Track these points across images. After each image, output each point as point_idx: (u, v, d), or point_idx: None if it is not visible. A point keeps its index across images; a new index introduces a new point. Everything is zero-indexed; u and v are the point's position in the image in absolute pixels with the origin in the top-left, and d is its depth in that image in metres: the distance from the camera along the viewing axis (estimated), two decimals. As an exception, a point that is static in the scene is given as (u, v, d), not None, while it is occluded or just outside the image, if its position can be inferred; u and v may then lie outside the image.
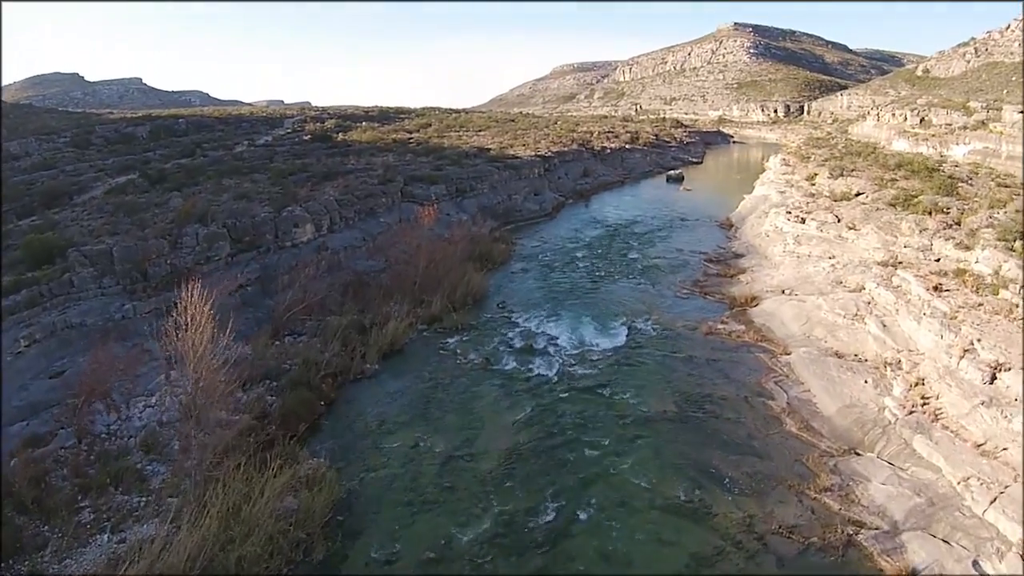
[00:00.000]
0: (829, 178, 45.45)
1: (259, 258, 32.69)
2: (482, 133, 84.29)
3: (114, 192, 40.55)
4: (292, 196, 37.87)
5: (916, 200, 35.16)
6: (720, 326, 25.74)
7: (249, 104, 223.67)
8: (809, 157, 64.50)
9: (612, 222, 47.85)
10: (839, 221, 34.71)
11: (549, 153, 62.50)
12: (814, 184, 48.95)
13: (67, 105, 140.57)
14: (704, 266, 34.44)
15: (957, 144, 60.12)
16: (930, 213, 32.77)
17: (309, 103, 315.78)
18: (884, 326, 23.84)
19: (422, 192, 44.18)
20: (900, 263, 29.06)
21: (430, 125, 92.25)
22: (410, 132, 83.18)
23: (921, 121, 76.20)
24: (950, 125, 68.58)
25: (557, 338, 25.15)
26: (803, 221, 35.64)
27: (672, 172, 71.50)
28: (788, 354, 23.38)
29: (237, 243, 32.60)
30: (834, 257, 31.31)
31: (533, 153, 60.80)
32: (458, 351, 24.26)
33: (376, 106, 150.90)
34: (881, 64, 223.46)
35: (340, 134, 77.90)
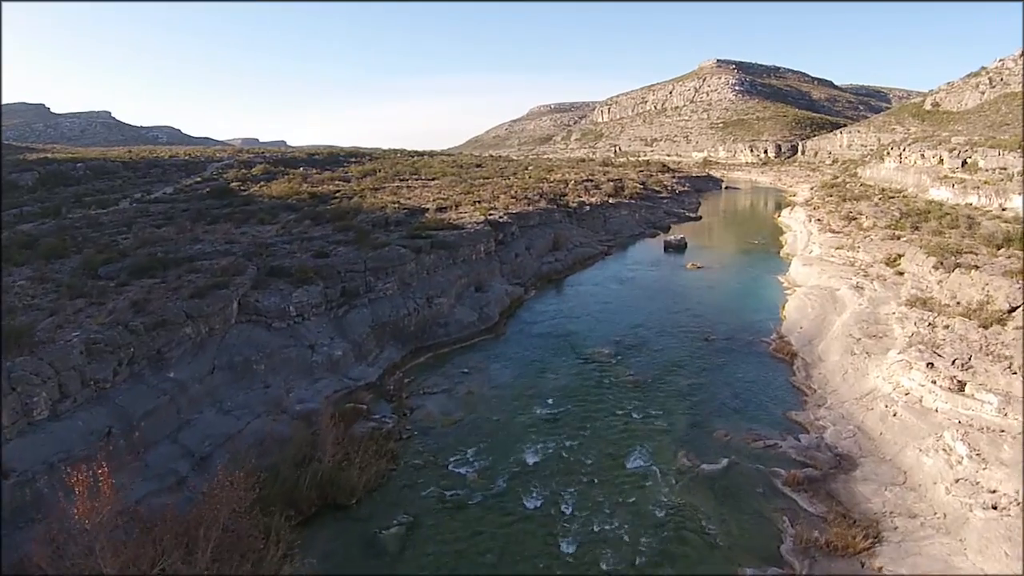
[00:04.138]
0: (936, 269, 28.83)
1: None
2: (433, 183, 67.73)
3: None
4: (13, 336, 19.82)
5: None
6: None
7: (221, 142, 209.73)
8: (855, 218, 48.62)
9: (595, 344, 29.74)
10: (1035, 388, 17.66)
11: (505, 217, 45.00)
12: (901, 271, 32.53)
13: (27, 138, 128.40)
14: (787, 498, 16.57)
15: (1020, 194, 45.80)
16: None
17: (284, 142, 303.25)
18: None
19: (277, 302, 26.35)
20: None
21: (376, 172, 75.75)
22: (346, 182, 66.73)
23: (963, 164, 62.03)
24: (1004, 169, 54.45)
25: None
26: (962, 388, 18.50)
27: (672, 238, 54.67)
28: None
29: None
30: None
31: (483, 217, 43.52)
32: None
33: (328, 147, 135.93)
34: (868, 100, 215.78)
35: (258, 184, 61.90)
